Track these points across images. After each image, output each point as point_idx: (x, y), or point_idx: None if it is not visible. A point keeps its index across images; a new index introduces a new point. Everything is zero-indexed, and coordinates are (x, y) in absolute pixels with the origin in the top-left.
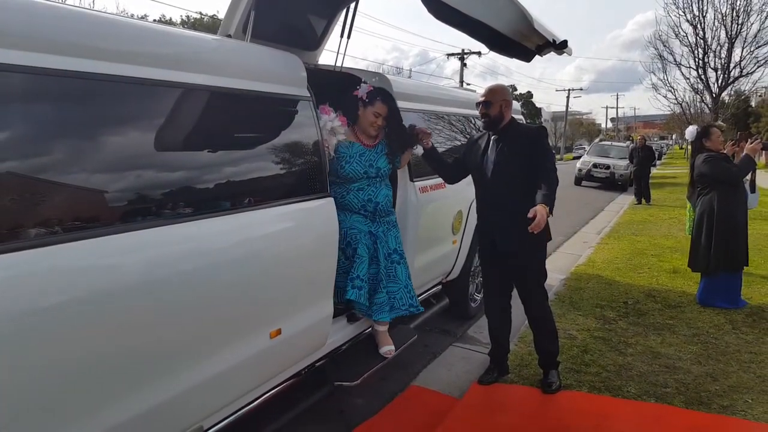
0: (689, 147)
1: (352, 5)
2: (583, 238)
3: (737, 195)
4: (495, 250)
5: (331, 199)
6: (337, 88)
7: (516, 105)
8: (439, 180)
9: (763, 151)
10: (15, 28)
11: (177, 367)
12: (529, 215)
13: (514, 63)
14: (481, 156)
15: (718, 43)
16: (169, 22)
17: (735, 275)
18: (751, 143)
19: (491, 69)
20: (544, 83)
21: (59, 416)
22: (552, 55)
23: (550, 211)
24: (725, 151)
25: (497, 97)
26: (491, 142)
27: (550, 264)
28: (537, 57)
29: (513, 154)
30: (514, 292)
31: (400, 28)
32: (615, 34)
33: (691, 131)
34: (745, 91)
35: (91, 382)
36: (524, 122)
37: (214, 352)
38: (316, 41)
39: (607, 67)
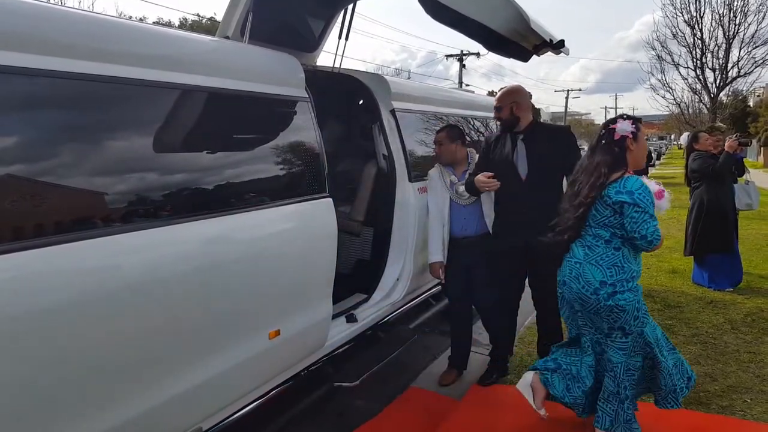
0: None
1: (350, 6)
2: None
3: (723, 188)
4: (525, 247)
5: (329, 200)
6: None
7: None
8: None
9: (741, 147)
10: (14, 30)
11: (176, 368)
12: None
13: (520, 64)
14: (508, 157)
15: (716, 44)
16: (168, 25)
17: (728, 256)
18: (729, 141)
19: (496, 71)
20: (544, 84)
21: (58, 416)
22: (557, 56)
23: None
24: (714, 151)
25: (506, 100)
26: (518, 142)
27: None
28: (534, 57)
29: (546, 152)
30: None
31: (402, 31)
32: (621, 35)
33: (684, 137)
34: (742, 91)
35: (90, 383)
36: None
37: (213, 353)
38: (314, 42)
39: (613, 67)
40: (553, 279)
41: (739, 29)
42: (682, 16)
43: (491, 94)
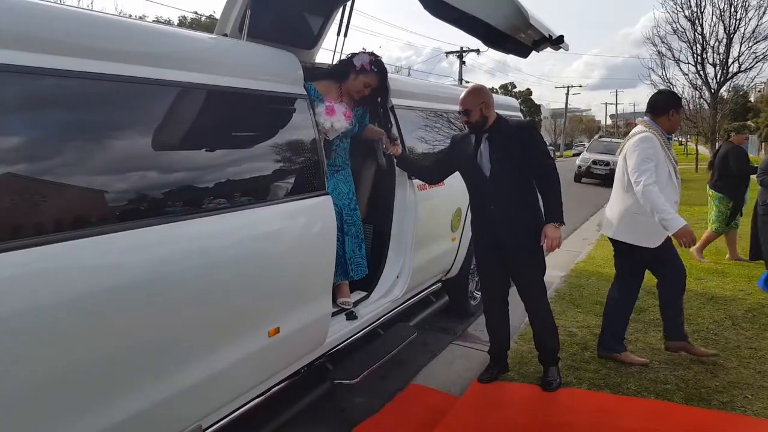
0: (688, 143)
1: (349, 3)
2: (583, 235)
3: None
4: (497, 244)
5: (328, 197)
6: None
7: (514, 102)
8: None
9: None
10: (11, 28)
11: (175, 365)
12: (541, 243)
13: (524, 60)
14: (473, 154)
15: (717, 39)
16: (167, 23)
17: None
18: None
19: (500, 68)
20: (545, 80)
21: (58, 414)
22: (560, 53)
23: (562, 221)
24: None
25: (475, 102)
26: (482, 140)
27: (549, 261)
28: (538, 54)
29: (509, 150)
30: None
31: (404, 29)
32: (626, 32)
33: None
34: (743, 86)
35: (90, 380)
36: (521, 119)
37: (213, 351)
38: (312, 39)
39: (617, 64)
40: (533, 267)
41: (739, 24)
42: (683, 11)
43: (493, 90)
